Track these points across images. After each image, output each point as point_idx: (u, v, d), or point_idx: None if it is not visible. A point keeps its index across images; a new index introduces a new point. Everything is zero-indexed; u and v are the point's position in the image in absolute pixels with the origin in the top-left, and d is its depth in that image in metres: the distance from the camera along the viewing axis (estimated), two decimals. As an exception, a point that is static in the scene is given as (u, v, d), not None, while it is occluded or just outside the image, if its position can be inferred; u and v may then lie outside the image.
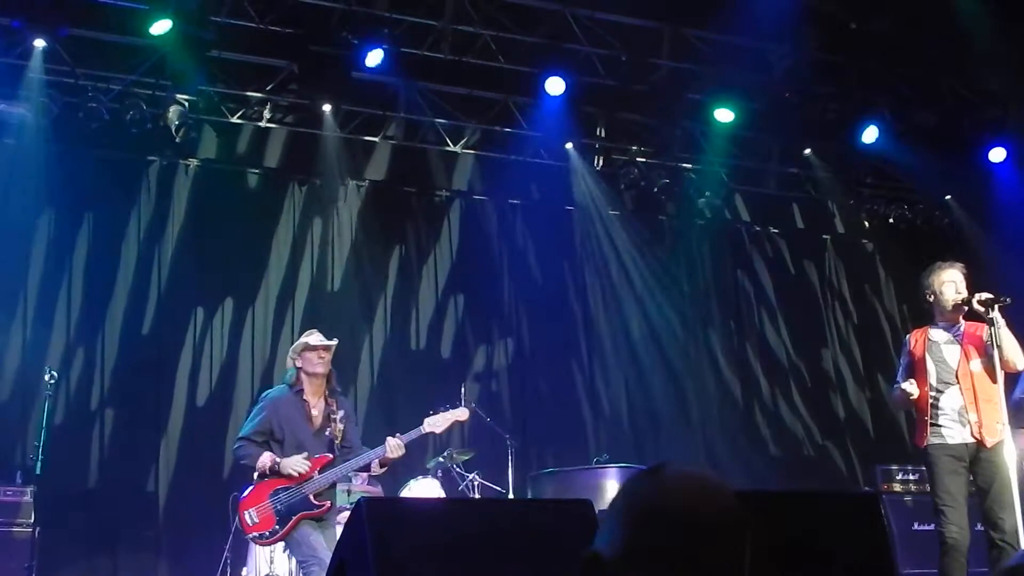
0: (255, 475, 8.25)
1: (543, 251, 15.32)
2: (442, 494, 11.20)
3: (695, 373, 15.70)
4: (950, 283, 7.97)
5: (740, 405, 15.84)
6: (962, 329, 7.96)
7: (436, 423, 8.70)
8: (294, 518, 8.08)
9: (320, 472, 8.18)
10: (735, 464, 14.87)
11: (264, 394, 8.75)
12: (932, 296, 8.02)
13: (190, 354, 13.09)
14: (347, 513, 9.63)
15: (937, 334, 7.98)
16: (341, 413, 8.44)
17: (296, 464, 8.08)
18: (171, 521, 12.28)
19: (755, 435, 15.73)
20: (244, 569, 10.34)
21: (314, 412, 8.37)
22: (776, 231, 16.98)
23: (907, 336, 8.29)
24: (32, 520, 10.00)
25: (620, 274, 15.66)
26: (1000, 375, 7.64)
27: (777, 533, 4.83)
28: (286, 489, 8.11)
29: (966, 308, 7.87)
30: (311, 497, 8.13)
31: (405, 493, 11.15)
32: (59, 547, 11.32)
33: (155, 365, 12.87)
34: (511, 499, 11.29)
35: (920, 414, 7.87)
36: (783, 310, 16.58)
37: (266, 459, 8.13)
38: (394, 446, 8.28)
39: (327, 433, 8.33)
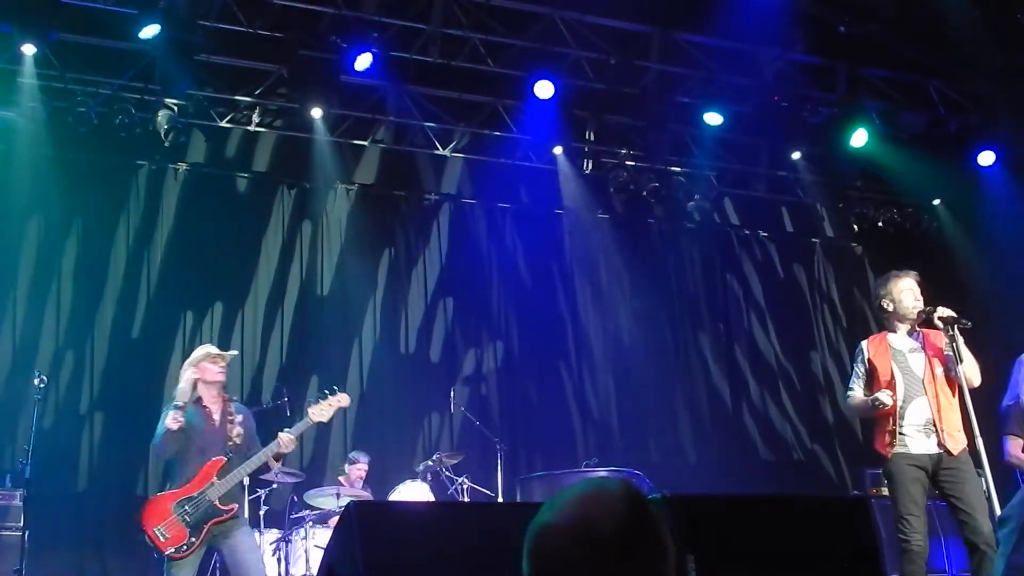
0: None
1: (532, 254, 15.33)
2: (431, 497, 11.21)
3: (684, 376, 15.72)
4: (908, 291, 8.01)
5: (729, 408, 15.86)
6: (922, 336, 8.00)
7: (320, 412, 8.69)
8: (206, 527, 8.03)
9: (219, 476, 8.15)
10: (724, 468, 14.89)
11: (168, 405, 8.75)
12: (891, 304, 8.02)
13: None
14: (336, 516, 9.65)
15: (899, 341, 7.98)
16: (240, 417, 8.46)
17: (175, 417, 8.04)
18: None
19: (744, 438, 15.76)
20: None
21: (215, 416, 8.37)
22: (765, 234, 17.00)
23: (862, 344, 8.25)
24: (22, 524, 9.97)
25: (609, 277, 15.69)
26: (964, 385, 7.67)
27: (767, 537, 4.85)
28: (189, 499, 8.04)
29: (924, 316, 7.92)
30: (216, 503, 8.08)
31: (394, 496, 11.15)
32: (49, 550, 11.28)
33: (144, 369, 12.84)
34: (500, 502, 11.29)
35: (884, 423, 7.85)
36: (772, 313, 16.61)
37: (170, 421, 8.05)
38: (286, 441, 8.36)
39: (224, 432, 8.34)
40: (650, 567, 2.14)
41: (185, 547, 7.97)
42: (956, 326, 7.71)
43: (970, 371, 7.74)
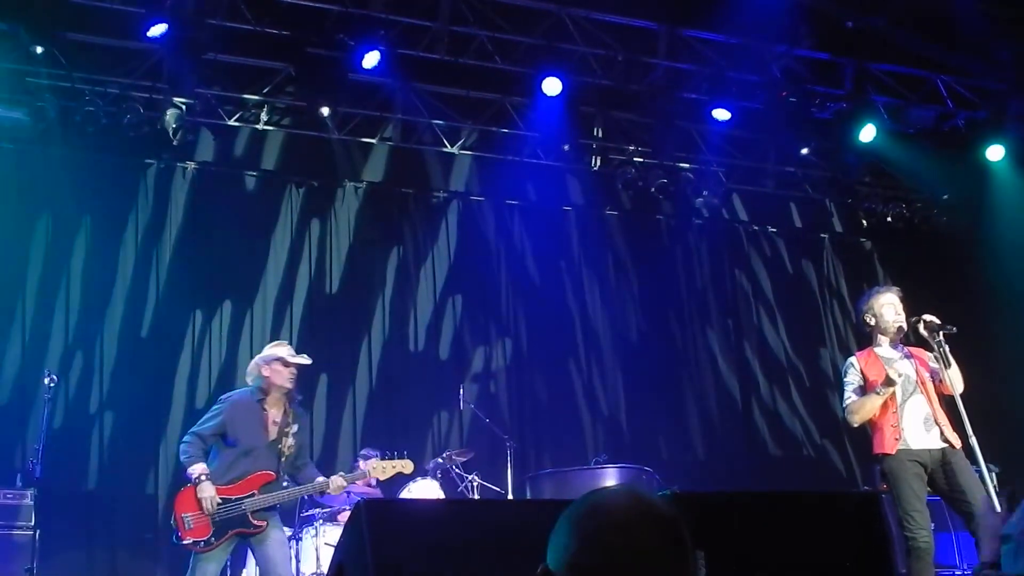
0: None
1: (541, 252, 15.32)
2: (441, 495, 11.21)
3: (693, 373, 15.70)
4: (889, 305, 8.14)
5: (739, 405, 15.84)
6: (906, 349, 8.11)
7: (382, 469, 8.71)
8: (229, 533, 7.99)
9: (261, 490, 8.11)
10: (733, 464, 14.88)
11: (226, 395, 8.67)
12: (873, 319, 8.17)
13: (189, 356, 13.10)
14: (347, 513, 9.64)
15: (886, 352, 8.07)
16: (295, 428, 8.38)
17: (207, 499, 7.97)
18: (170, 523, 12.24)
19: (754, 435, 15.73)
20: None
21: (271, 422, 8.31)
22: (774, 230, 16.97)
23: (850, 359, 8.32)
24: (32, 522, 9.99)
25: (617, 274, 15.68)
26: (957, 390, 7.72)
27: (777, 534, 4.85)
28: (226, 500, 8.01)
29: (905, 330, 8.00)
30: (249, 515, 8.04)
31: (404, 494, 11.14)
32: (59, 549, 11.32)
33: (154, 368, 12.87)
34: (510, 500, 11.29)
35: (885, 421, 7.86)
36: (781, 309, 16.58)
37: (196, 469, 8.06)
38: (336, 486, 8.40)
39: (279, 446, 8.26)
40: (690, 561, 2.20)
41: (203, 543, 7.96)
42: (942, 332, 7.80)
43: (955, 378, 7.79)
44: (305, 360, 8.59)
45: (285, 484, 8.35)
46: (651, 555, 2.14)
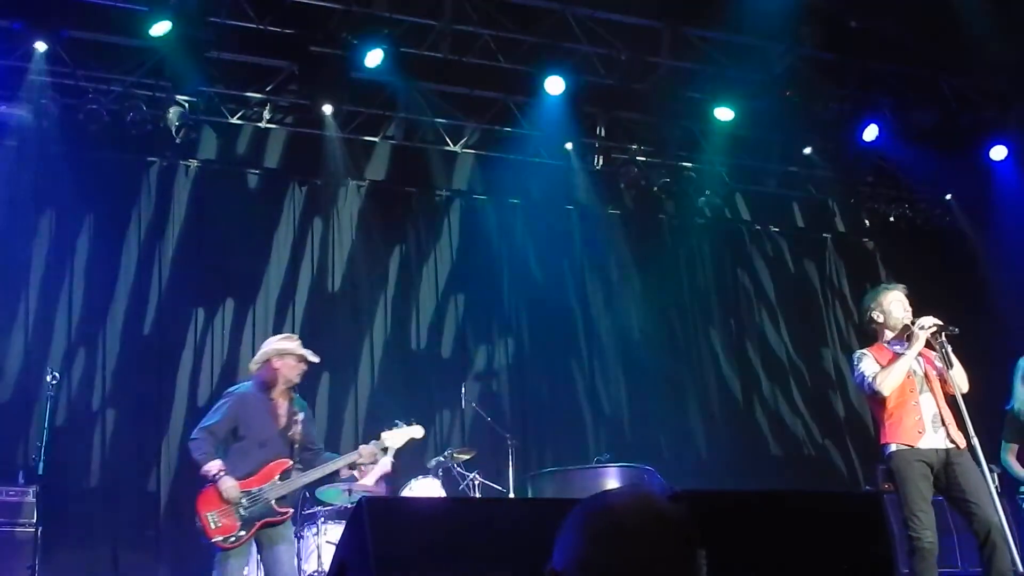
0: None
1: (543, 251, 15.31)
2: (443, 493, 11.21)
3: (695, 372, 15.70)
4: (897, 302, 8.08)
5: (740, 404, 15.84)
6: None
7: (394, 437, 8.68)
8: (257, 523, 8.01)
9: (281, 478, 8.14)
10: (735, 464, 14.86)
11: (230, 390, 8.70)
12: (881, 316, 8.10)
13: (191, 354, 13.11)
14: (348, 512, 9.63)
15: (895, 348, 7.99)
16: (302, 415, 8.41)
17: (229, 491, 7.97)
18: (172, 521, 12.24)
19: (755, 434, 15.73)
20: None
21: (280, 412, 8.35)
22: (776, 230, 16.97)
23: (860, 351, 8.17)
24: (34, 520, 10.00)
25: (620, 273, 15.67)
26: (962, 390, 7.70)
27: (778, 533, 4.84)
28: (248, 493, 8.02)
29: (911, 329, 7.92)
30: (273, 503, 8.07)
31: (406, 492, 11.14)
32: (61, 547, 11.31)
33: (156, 365, 12.88)
34: (511, 499, 11.29)
35: (904, 411, 7.83)
36: (783, 309, 16.58)
37: (213, 467, 8.04)
38: (370, 453, 8.38)
39: (290, 434, 8.29)
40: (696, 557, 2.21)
41: (233, 539, 7.97)
42: (944, 333, 7.77)
43: (959, 377, 7.76)
44: (315, 358, 8.68)
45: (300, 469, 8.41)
46: (660, 557, 2.16)
